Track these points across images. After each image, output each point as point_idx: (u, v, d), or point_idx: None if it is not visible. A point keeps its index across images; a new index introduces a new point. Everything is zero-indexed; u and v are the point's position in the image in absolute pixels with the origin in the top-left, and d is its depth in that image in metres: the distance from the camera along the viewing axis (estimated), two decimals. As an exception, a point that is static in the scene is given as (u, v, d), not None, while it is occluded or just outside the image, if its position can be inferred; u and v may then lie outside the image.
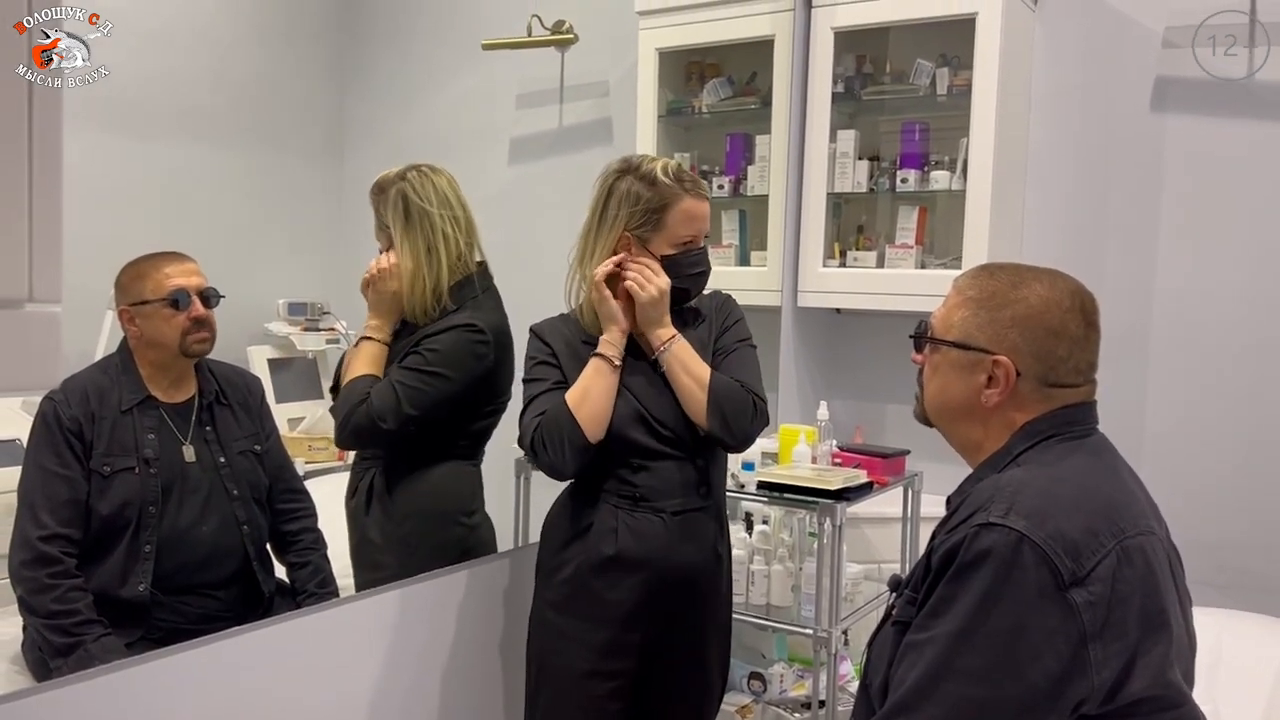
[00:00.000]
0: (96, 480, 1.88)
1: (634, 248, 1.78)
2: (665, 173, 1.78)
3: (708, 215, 1.83)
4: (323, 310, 3.25)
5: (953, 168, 2.67)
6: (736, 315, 1.94)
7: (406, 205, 1.97)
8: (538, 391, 1.80)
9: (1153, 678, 1.13)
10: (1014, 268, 1.33)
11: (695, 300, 1.91)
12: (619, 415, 1.77)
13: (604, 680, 1.77)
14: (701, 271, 1.84)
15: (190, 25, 2.94)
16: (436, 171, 2.02)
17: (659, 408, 1.79)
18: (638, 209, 1.77)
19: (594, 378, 1.76)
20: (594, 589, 1.77)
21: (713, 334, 1.90)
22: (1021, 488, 1.18)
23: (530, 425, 1.76)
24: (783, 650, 2.47)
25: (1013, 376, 1.26)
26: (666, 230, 1.77)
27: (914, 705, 1.13)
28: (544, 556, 1.87)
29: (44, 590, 1.81)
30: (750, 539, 2.35)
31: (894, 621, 1.26)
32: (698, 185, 1.81)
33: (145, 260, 1.98)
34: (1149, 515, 1.25)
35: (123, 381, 1.95)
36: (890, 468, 2.36)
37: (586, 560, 1.78)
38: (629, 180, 1.78)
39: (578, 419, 1.72)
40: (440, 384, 1.91)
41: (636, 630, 1.78)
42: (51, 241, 0.62)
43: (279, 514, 2.14)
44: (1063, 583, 1.10)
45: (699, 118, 2.99)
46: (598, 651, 1.77)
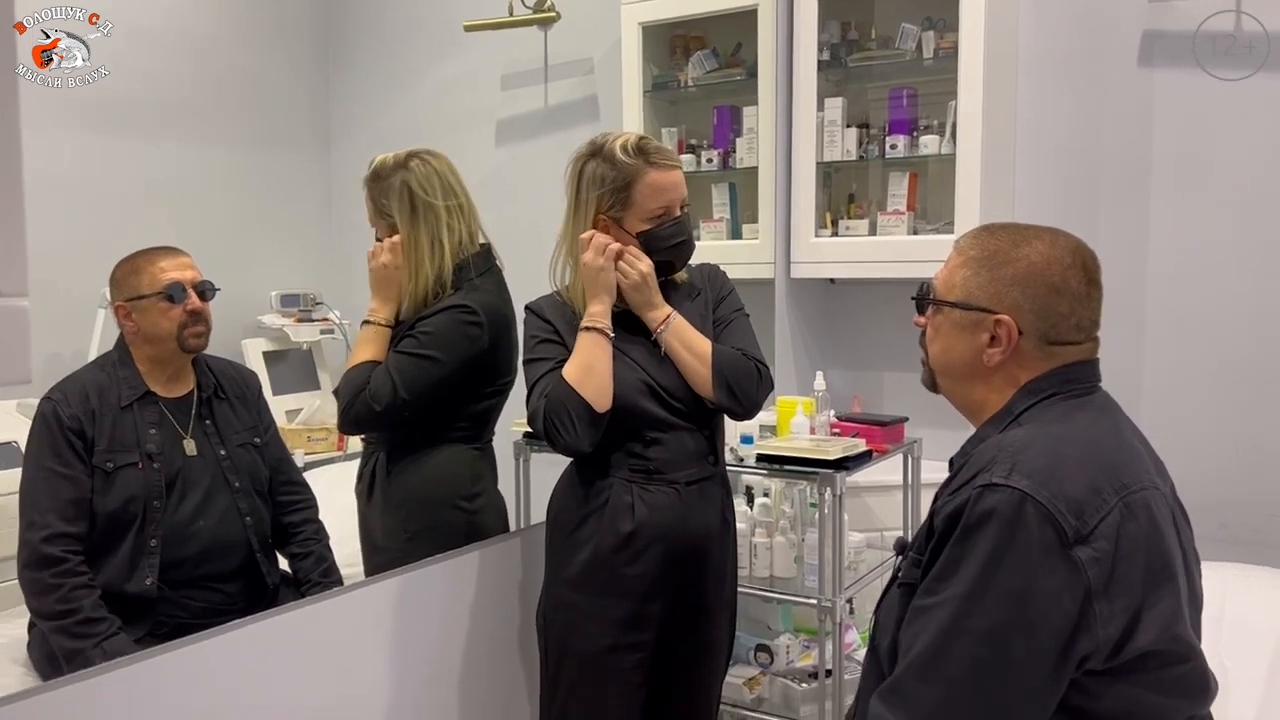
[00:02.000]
0: (99, 477, 1.88)
1: (612, 230, 1.78)
2: (625, 149, 1.76)
3: (679, 184, 1.81)
4: (315, 301, 3.24)
5: (942, 132, 2.66)
6: (729, 286, 1.95)
7: (412, 198, 1.97)
8: (543, 372, 1.80)
9: (1160, 631, 1.14)
10: (1015, 227, 1.33)
11: (685, 273, 1.91)
12: (628, 389, 1.77)
13: (628, 653, 1.79)
14: (681, 241, 1.82)
15: (174, 24, 2.92)
16: (436, 157, 2.01)
17: (666, 378, 1.80)
18: (605, 190, 1.77)
19: (592, 349, 1.76)
20: (613, 565, 1.78)
21: (710, 306, 1.91)
22: (1024, 447, 1.18)
23: (538, 407, 1.76)
24: (788, 621, 2.48)
25: (1015, 335, 1.26)
26: (636, 206, 1.77)
27: (927, 667, 1.14)
28: (556, 537, 1.86)
29: (47, 591, 1.81)
30: (752, 512, 2.35)
31: (900, 584, 1.26)
32: (663, 155, 1.79)
33: (140, 255, 1.98)
34: (1152, 471, 1.25)
35: (121, 378, 1.95)
36: (889, 435, 2.36)
37: (604, 537, 1.78)
38: (594, 163, 1.78)
39: (583, 394, 1.72)
40: (432, 366, 1.91)
41: (656, 601, 1.80)
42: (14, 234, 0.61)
43: (280, 506, 2.14)
44: (1067, 540, 1.11)
45: (685, 91, 2.97)
46: (620, 625, 1.78)
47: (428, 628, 1.98)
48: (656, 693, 1.87)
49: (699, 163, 2.95)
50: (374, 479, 2.02)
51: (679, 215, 1.81)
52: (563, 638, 1.82)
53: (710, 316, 1.90)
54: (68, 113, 2.42)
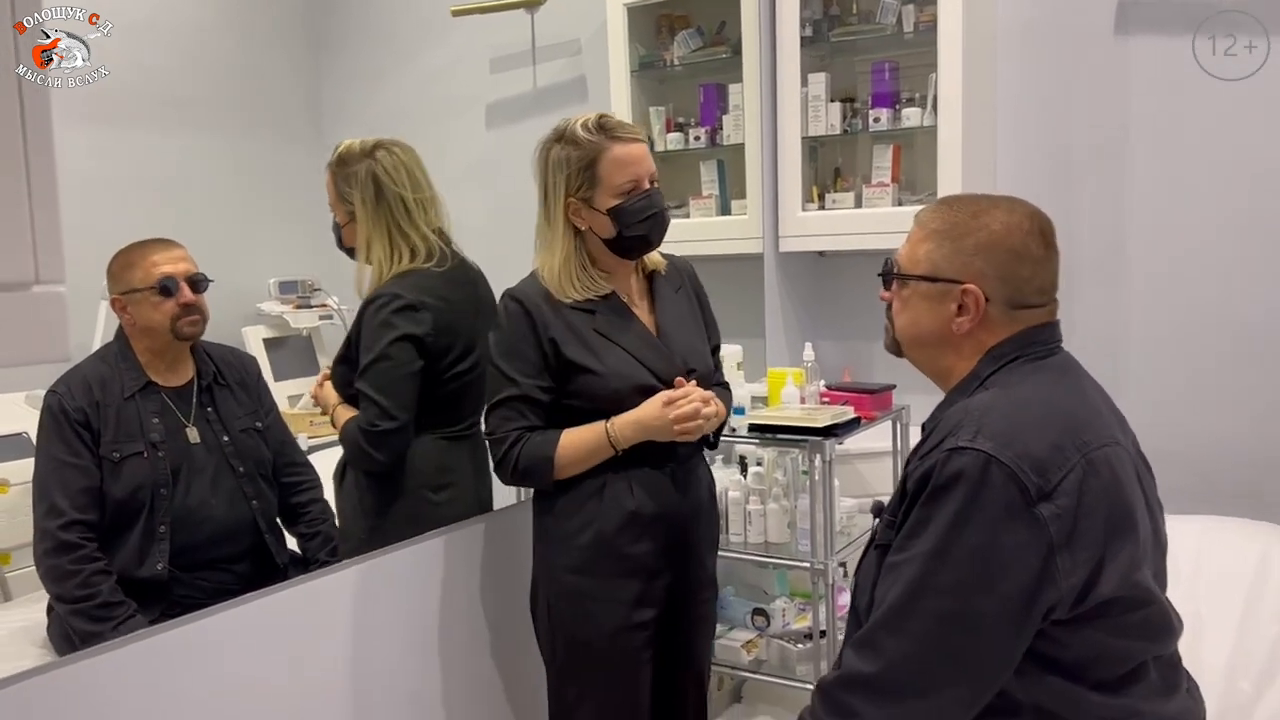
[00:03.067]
0: (107, 466, 1.93)
1: (583, 211, 1.78)
2: (585, 128, 1.76)
3: (643, 157, 1.79)
4: (314, 287, 3.29)
5: (923, 104, 2.69)
6: (706, 295, 2.01)
7: (378, 187, 1.98)
8: (512, 396, 1.78)
9: (1121, 579, 1.20)
10: (971, 198, 1.38)
11: (661, 258, 1.93)
12: (625, 384, 1.78)
13: (637, 631, 1.81)
14: (655, 214, 1.80)
15: (165, 15, 2.95)
16: (403, 148, 2.02)
17: (657, 363, 1.82)
18: (571, 171, 1.76)
19: (595, 454, 1.77)
20: (617, 546, 1.79)
21: (693, 307, 1.95)
22: (988, 411, 1.23)
23: (513, 456, 1.77)
24: (784, 586, 2.55)
25: (982, 302, 1.31)
26: (604, 183, 1.76)
27: (895, 622, 1.20)
28: (552, 524, 1.85)
29: (67, 576, 1.87)
30: (746, 481, 2.41)
31: (876, 545, 1.32)
32: (625, 129, 1.79)
33: (133, 249, 2.02)
34: (1114, 427, 1.31)
35: (122, 369, 2.00)
36: (878, 403, 2.42)
37: (606, 520, 1.79)
38: (558, 147, 1.78)
39: (554, 473, 1.77)
40: (391, 365, 1.91)
41: (660, 578, 1.84)
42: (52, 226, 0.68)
43: (285, 488, 2.20)
44: (1030, 498, 1.16)
45: (671, 70, 3.01)
46: (629, 605, 1.80)
47: (385, 617, 1.93)
48: (660, 666, 1.91)
49: (687, 141, 2.99)
50: (345, 467, 2.04)
51: (648, 189, 1.80)
52: (571, 625, 1.82)
53: (698, 313, 1.94)
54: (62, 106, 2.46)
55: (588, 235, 1.81)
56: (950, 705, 1.18)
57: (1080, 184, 2.74)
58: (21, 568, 2.15)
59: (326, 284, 3.25)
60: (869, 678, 1.20)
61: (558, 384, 1.79)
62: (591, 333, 1.79)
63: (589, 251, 1.82)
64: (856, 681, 1.21)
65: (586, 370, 1.77)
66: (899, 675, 1.19)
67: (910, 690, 1.18)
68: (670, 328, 1.87)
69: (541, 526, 1.87)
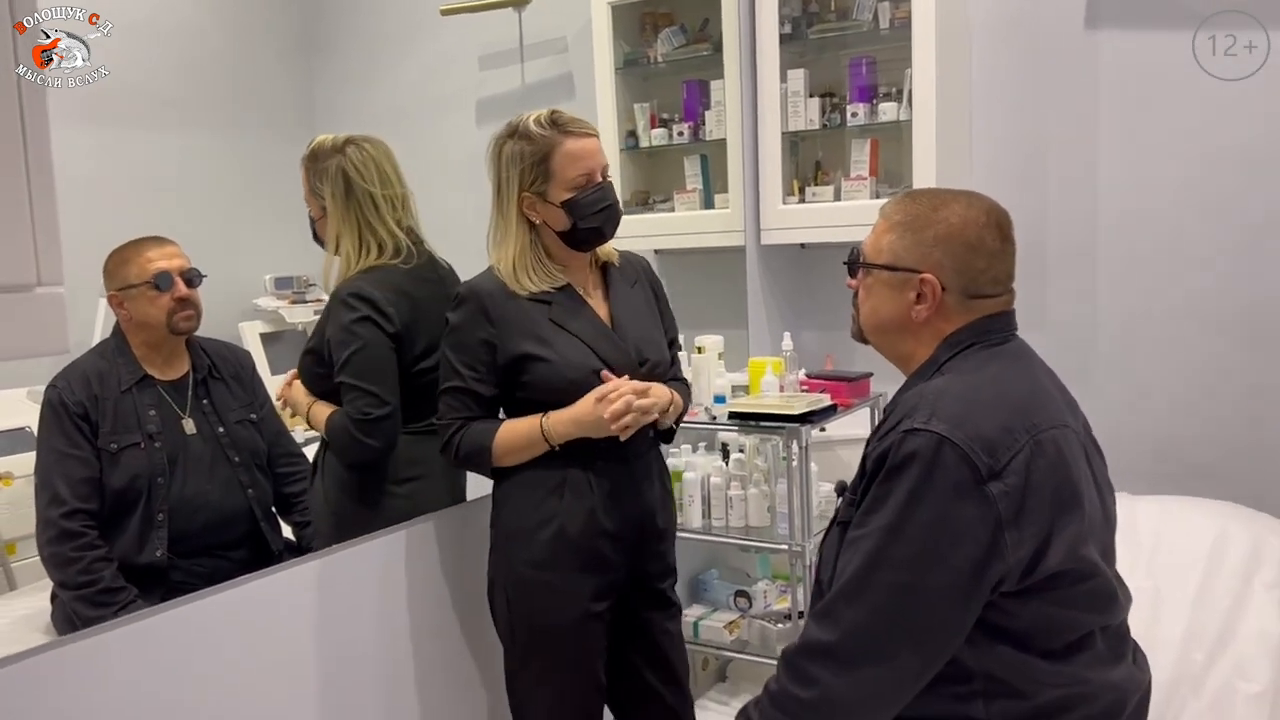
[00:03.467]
0: (106, 457, 1.99)
1: (538, 206, 1.81)
2: (539, 123, 1.80)
3: (596, 152, 1.83)
4: (308, 283, 3.35)
5: (900, 99, 2.75)
6: (663, 290, 2.04)
7: (348, 183, 1.98)
8: (456, 387, 1.83)
9: (1067, 553, 1.27)
10: (933, 191, 1.44)
11: (615, 253, 1.97)
12: (581, 373, 1.81)
13: (595, 621, 1.85)
14: (607, 206, 1.84)
15: (158, 15, 3.00)
16: (374, 144, 2.03)
17: (611, 352, 1.85)
18: (525, 166, 1.80)
19: (528, 446, 1.82)
20: (577, 541, 1.82)
21: (649, 300, 1.99)
22: (942, 395, 1.30)
23: (452, 428, 1.84)
24: (765, 568, 2.62)
25: (939, 291, 1.38)
26: (557, 177, 1.80)
27: (853, 593, 1.27)
28: (512, 519, 1.86)
29: (70, 563, 1.93)
30: (727, 467, 2.48)
31: (838, 522, 1.39)
32: (577, 124, 1.82)
33: (129, 246, 2.08)
34: (1063, 411, 1.38)
35: (119, 363, 2.06)
36: (855, 390, 2.49)
37: (566, 517, 1.82)
38: (511, 142, 1.81)
39: (492, 462, 1.83)
40: (368, 350, 1.92)
41: (618, 570, 1.88)
42: (51, 233, 0.75)
43: (280, 478, 2.26)
44: (980, 477, 1.23)
45: (655, 67, 3.06)
46: (590, 597, 1.84)
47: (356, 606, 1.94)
48: (620, 650, 1.96)
49: (671, 136, 3.04)
50: (320, 460, 2.05)
51: (601, 182, 1.83)
52: (531, 616, 1.85)
53: (654, 307, 1.98)
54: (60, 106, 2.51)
55: (542, 229, 1.85)
56: (904, 672, 1.26)
57: (1052, 175, 2.80)
58: (25, 558, 2.21)
59: (321, 279, 3.31)
60: (828, 646, 1.27)
61: (508, 379, 1.83)
62: (546, 322, 1.82)
63: (544, 245, 1.86)
64: (816, 650, 1.28)
65: (540, 359, 1.80)
66: (856, 643, 1.26)
67: (867, 657, 1.25)
68: (624, 318, 1.91)
69: (499, 519, 1.90)
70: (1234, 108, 2.55)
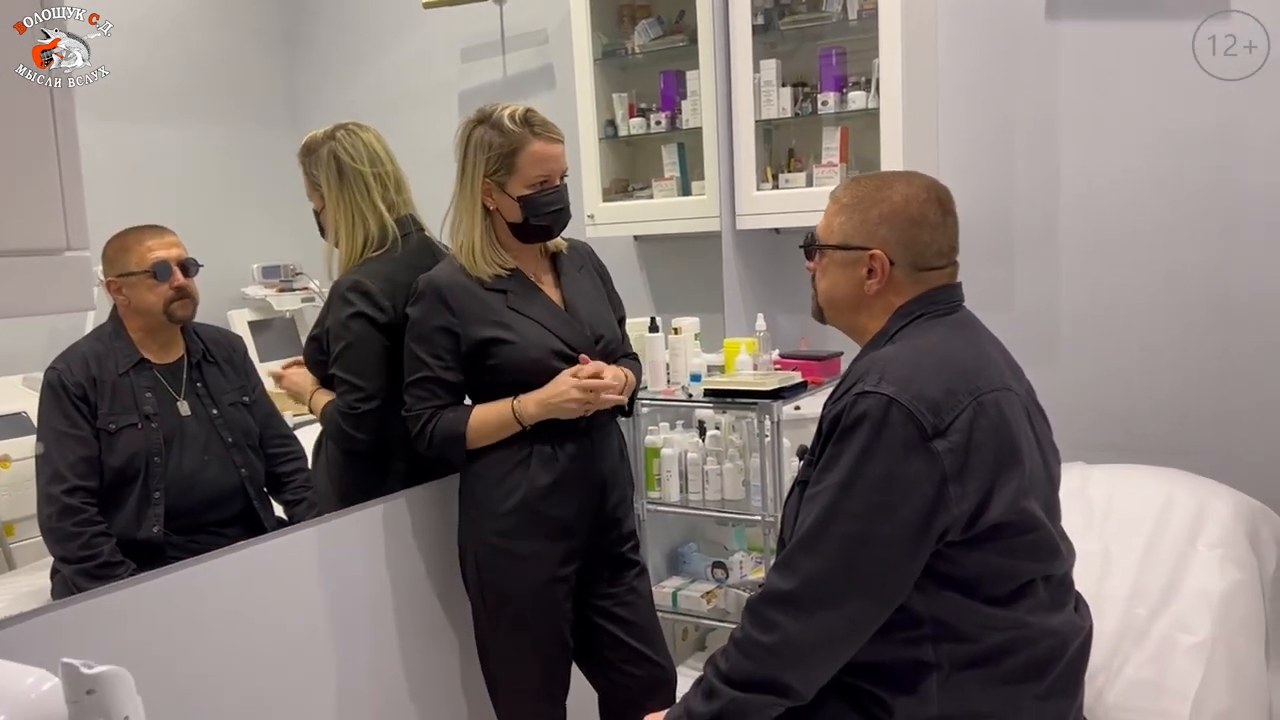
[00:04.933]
0: (104, 437, 2.05)
1: (495, 194, 1.91)
2: (513, 119, 1.89)
3: (560, 157, 1.95)
4: (295, 271, 3.41)
5: (868, 87, 2.84)
6: (608, 274, 2.15)
7: (339, 165, 2.05)
8: (423, 377, 1.92)
9: (1008, 506, 1.37)
10: (878, 175, 1.55)
11: (563, 242, 2.07)
12: (542, 353, 1.92)
13: (560, 584, 1.97)
14: (560, 209, 1.95)
15: (141, 7, 3.06)
16: (364, 129, 2.09)
17: (570, 335, 1.96)
18: (491, 155, 1.89)
19: (500, 428, 1.92)
20: (542, 510, 1.93)
21: (595, 281, 2.10)
22: (891, 360, 1.40)
23: (423, 419, 1.92)
24: (742, 541, 2.72)
25: (887, 266, 1.48)
26: (520, 173, 1.90)
27: (810, 543, 1.36)
28: (479, 490, 1.97)
29: (71, 538, 2.00)
30: (703, 443, 2.58)
31: (798, 481, 1.49)
32: (548, 129, 1.93)
33: (129, 234, 2.13)
34: (1006, 375, 1.47)
35: (116, 347, 2.12)
36: (825, 369, 2.58)
37: (532, 487, 1.93)
38: (482, 129, 1.91)
39: (467, 444, 1.92)
40: (360, 345, 1.99)
41: (580, 536, 1.99)
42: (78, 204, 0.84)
43: (272, 458, 2.32)
44: (926, 435, 1.33)
45: (633, 58, 3.13)
46: (556, 562, 1.96)
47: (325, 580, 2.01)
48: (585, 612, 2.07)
49: (649, 125, 3.13)
50: (320, 443, 2.15)
51: (558, 184, 1.95)
52: (500, 581, 1.96)
53: (601, 289, 2.09)
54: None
55: (495, 216, 1.95)
56: (858, 616, 1.35)
57: (1018, 161, 2.89)
58: (25, 539, 2.28)
59: (308, 267, 3.37)
60: (787, 594, 1.36)
61: (473, 364, 1.93)
62: (505, 310, 1.93)
63: (496, 232, 1.96)
64: (776, 598, 1.38)
65: (504, 341, 1.91)
66: (813, 591, 1.35)
67: (823, 603, 1.35)
68: (576, 301, 2.02)
69: (469, 491, 2.00)
70: (1194, 94, 2.64)
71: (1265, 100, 2.56)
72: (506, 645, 1.98)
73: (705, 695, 1.41)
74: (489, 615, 2.00)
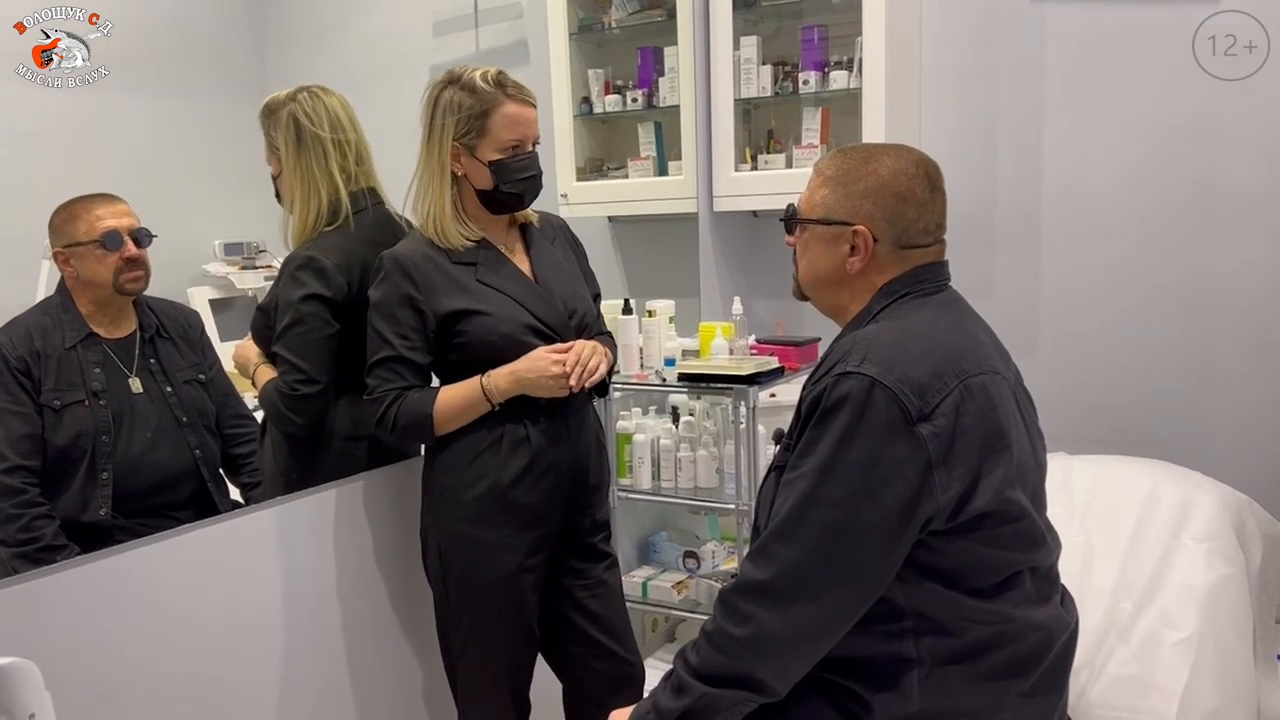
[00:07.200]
0: (49, 414, 1.97)
1: (464, 158, 1.81)
2: (485, 79, 1.79)
3: (533, 121, 1.84)
4: (259, 249, 3.32)
5: (850, 67, 2.78)
6: (583, 249, 2.04)
7: (298, 129, 1.94)
8: (387, 358, 1.80)
9: (994, 494, 1.30)
10: (865, 147, 1.47)
11: (535, 215, 1.97)
12: (514, 327, 1.82)
13: (529, 574, 1.87)
14: (532, 176, 1.85)
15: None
16: (329, 93, 1.99)
17: (544, 310, 1.86)
18: (461, 116, 1.78)
19: (469, 408, 1.81)
20: (512, 497, 1.83)
21: (569, 256, 1.99)
22: (874, 340, 1.33)
23: (392, 416, 1.80)
24: (714, 530, 2.66)
25: (871, 242, 1.41)
26: (491, 135, 1.79)
27: (787, 531, 1.29)
28: (445, 475, 1.86)
29: (10, 520, 1.92)
30: (677, 429, 2.51)
31: (774, 467, 1.42)
32: (521, 91, 1.83)
33: (76, 202, 2.04)
34: (994, 357, 1.41)
35: (64, 321, 2.03)
36: (803, 354, 2.52)
37: (502, 472, 1.82)
38: (452, 90, 1.80)
39: (435, 429, 1.81)
40: (305, 329, 1.89)
41: (553, 523, 1.90)
42: None
43: (228, 439, 2.25)
44: (911, 418, 1.26)
45: (610, 34, 3.06)
46: (523, 551, 1.85)
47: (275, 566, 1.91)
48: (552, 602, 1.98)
49: (625, 103, 3.05)
50: (265, 424, 2.04)
51: (531, 151, 1.84)
52: (465, 571, 1.86)
53: (575, 264, 1.99)
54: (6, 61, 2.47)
55: (463, 184, 1.84)
56: (837, 608, 1.29)
57: (1000, 144, 2.85)
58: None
59: (272, 246, 3.29)
60: (762, 584, 1.29)
61: (441, 341, 1.82)
62: (474, 283, 1.82)
63: (462, 200, 1.86)
64: (751, 588, 1.31)
65: (475, 313, 1.80)
66: (790, 581, 1.28)
67: (800, 594, 1.28)
68: (548, 274, 1.91)
69: (433, 474, 1.89)
70: (1183, 88, 2.60)
71: (1255, 99, 2.53)
72: (470, 637, 1.89)
73: (674, 691, 1.34)
74: (452, 605, 1.90)
